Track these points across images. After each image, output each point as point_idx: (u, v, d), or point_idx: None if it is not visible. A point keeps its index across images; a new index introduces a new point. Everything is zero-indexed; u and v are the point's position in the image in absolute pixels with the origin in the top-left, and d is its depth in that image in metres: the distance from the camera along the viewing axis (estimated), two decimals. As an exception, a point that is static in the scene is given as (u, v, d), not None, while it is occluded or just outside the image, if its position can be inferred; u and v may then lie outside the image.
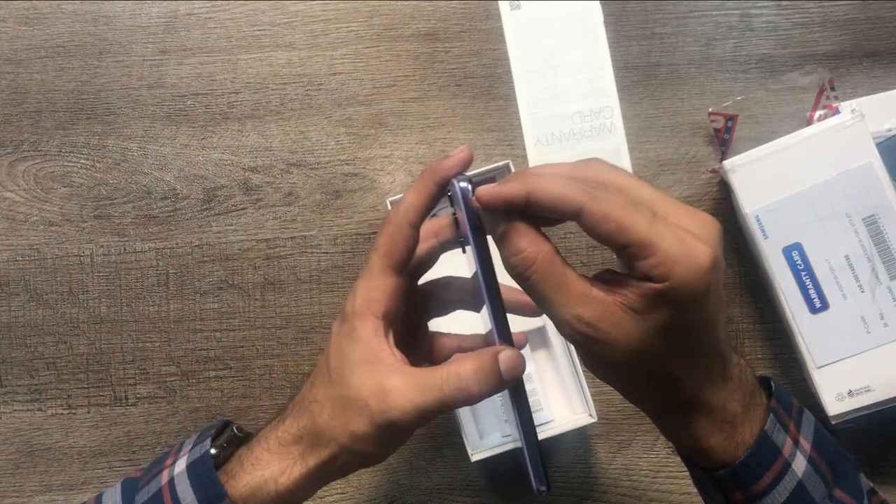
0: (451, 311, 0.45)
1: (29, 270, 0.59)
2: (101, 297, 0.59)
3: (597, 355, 0.34)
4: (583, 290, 0.33)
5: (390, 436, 0.37)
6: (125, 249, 0.59)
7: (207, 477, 0.38)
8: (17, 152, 0.60)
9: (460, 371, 0.36)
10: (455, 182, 0.37)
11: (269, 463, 0.38)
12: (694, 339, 0.33)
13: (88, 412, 0.59)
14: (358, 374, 0.37)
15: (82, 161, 0.60)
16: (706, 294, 0.31)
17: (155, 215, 0.59)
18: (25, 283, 0.59)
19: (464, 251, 0.40)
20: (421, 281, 0.45)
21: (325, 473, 0.38)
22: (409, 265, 0.43)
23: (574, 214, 0.32)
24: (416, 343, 0.44)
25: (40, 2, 0.60)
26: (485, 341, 0.43)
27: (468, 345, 0.44)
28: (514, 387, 0.37)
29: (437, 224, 0.42)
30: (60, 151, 0.60)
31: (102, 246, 0.59)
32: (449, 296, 0.44)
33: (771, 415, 0.36)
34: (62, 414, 0.59)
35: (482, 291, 0.37)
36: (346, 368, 0.37)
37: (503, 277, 0.36)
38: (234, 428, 0.42)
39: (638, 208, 0.31)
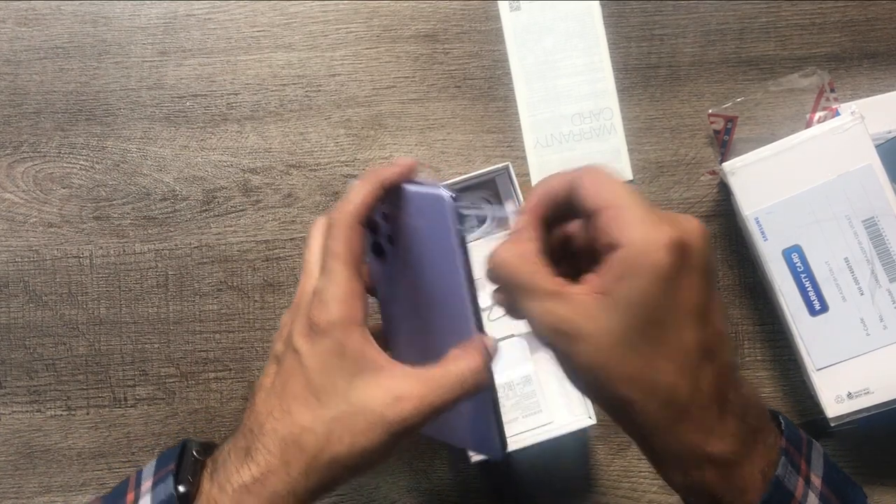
0: None
1: (28, 272, 0.59)
2: (100, 299, 0.59)
3: (574, 355, 0.33)
4: (554, 286, 0.33)
5: (402, 440, 0.36)
6: (124, 251, 0.59)
7: None
8: (17, 153, 0.59)
9: (460, 368, 0.37)
10: (442, 191, 0.37)
11: None
12: (672, 329, 0.32)
13: (87, 413, 0.59)
14: (359, 386, 0.36)
15: (81, 162, 0.59)
16: (671, 272, 0.31)
17: (154, 217, 0.59)
18: (24, 285, 0.59)
19: (379, 255, 0.41)
20: None
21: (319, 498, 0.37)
22: None
23: (574, 192, 0.34)
24: None
25: (39, 2, 0.60)
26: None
27: None
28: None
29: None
30: (59, 153, 0.60)
31: (101, 247, 0.59)
32: None
33: (783, 457, 0.34)
34: (61, 415, 0.59)
35: (463, 288, 0.38)
36: (340, 385, 0.36)
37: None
38: (194, 451, 0.39)
39: (625, 186, 0.33)
